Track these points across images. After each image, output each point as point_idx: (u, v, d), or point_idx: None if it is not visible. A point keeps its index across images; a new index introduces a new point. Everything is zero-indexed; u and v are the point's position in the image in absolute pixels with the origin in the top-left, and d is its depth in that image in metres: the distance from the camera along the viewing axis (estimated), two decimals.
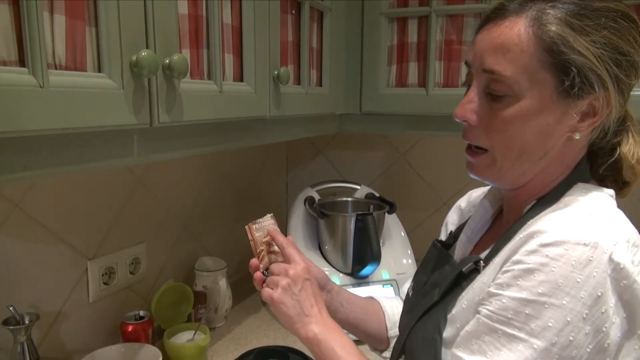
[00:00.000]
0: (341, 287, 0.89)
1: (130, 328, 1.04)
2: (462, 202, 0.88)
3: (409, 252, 1.37)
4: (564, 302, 0.51)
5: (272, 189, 1.75)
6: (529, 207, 0.63)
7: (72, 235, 1.00)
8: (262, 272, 0.77)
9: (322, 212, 1.28)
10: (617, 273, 0.51)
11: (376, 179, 1.69)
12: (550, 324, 0.51)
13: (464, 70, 1.21)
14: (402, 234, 1.41)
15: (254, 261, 0.79)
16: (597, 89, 0.56)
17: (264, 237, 0.80)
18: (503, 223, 0.71)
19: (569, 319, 0.51)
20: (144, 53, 0.61)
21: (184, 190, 1.31)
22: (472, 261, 0.64)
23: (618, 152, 0.63)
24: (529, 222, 0.59)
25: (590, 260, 0.51)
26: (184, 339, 1.11)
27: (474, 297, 0.60)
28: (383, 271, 1.31)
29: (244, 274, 1.56)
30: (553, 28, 0.56)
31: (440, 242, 0.79)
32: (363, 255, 1.24)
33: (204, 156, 1.38)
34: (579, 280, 0.51)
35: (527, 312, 0.52)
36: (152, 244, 1.20)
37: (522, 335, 0.52)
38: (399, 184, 1.68)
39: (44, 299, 0.96)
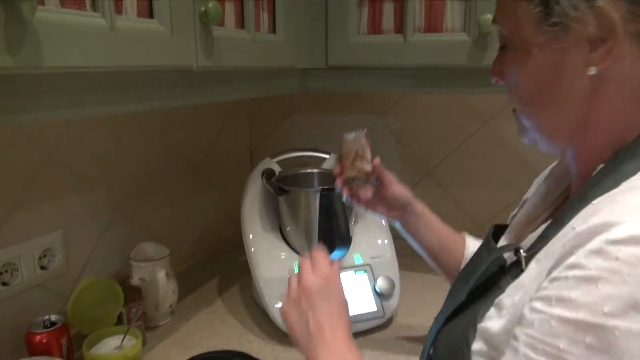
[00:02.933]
0: (426, 209, 0.89)
1: (37, 338, 0.84)
2: (545, 173, 0.71)
3: (386, 231, 1.17)
4: None
5: (232, 159, 1.52)
6: (594, 173, 0.48)
7: None
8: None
9: (281, 187, 1.06)
10: None
11: None
12: None
13: (449, 9, 0.99)
14: None
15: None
16: (573, 10, 0.46)
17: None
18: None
19: None
20: None
21: (115, 165, 1.08)
22: (509, 250, 0.52)
23: None
24: (594, 202, 0.44)
25: None
26: (112, 346, 0.91)
27: (511, 303, 0.47)
28: (355, 255, 1.11)
29: (193, 261, 1.35)
30: None
31: (496, 226, 0.65)
32: (330, 238, 1.03)
33: (144, 122, 1.15)
34: None
35: (587, 341, 0.38)
36: (71, 230, 0.98)
37: None
38: (376, 151, 1.46)
39: None
